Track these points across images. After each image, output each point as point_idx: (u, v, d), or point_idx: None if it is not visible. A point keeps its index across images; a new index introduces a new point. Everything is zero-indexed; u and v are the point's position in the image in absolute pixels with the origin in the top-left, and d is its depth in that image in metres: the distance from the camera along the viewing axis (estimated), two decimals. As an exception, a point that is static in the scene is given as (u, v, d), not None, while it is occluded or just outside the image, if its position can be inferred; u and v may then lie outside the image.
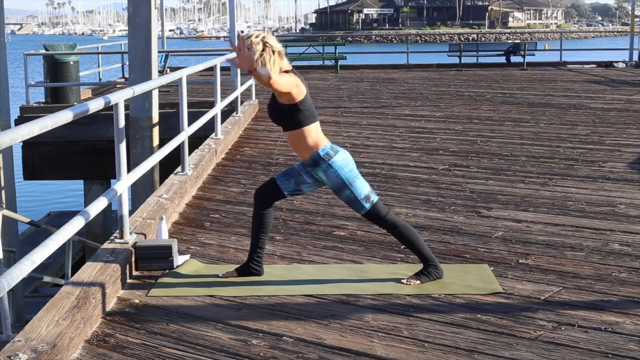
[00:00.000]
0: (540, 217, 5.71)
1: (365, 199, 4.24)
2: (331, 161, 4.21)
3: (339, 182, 4.23)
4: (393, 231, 4.31)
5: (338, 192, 4.27)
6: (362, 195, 4.23)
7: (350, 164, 4.27)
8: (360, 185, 4.25)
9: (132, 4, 9.57)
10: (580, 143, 9.06)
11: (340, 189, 4.24)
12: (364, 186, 4.26)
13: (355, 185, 4.23)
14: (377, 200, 4.27)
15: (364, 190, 4.25)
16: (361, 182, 4.27)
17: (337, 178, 4.22)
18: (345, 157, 4.27)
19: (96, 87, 16.73)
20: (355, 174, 4.26)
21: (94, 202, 4.19)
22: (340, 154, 4.25)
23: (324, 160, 4.21)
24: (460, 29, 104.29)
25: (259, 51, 4.14)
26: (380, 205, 4.28)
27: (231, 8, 15.03)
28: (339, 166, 4.22)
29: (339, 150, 4.28)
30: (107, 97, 4.46)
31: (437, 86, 16.78)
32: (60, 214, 15.16)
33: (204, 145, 8.26)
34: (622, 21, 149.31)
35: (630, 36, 23.28)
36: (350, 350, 3.40)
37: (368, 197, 4.24)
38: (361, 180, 4.28)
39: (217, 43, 72.68)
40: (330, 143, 4.30)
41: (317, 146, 4.23)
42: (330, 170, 4.22)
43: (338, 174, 4.21)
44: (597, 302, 3.96)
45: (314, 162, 4.23)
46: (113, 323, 3.74)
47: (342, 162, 4.23)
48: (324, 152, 4.22)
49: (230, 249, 4.97)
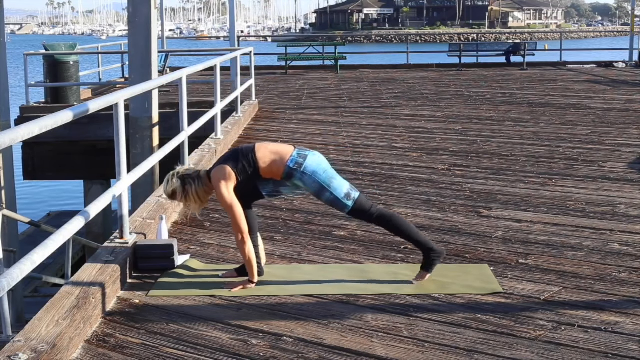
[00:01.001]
0: (540, 217, 5.71)
1: (346, 197, 4.23)
2: (303, 168, 4.21)
3: (317, 187, 4.23)
4: (382, 223, 4.31)
5: (318, 196, 4.27)
6: (342, 194, 4.22)
7: (324, 165, 4.26)
8: (339, 184, 4.24)
9: (132, 4, 9.56)
10: (580, 143, 9.06)
11: (319, 193, 4.24)
12: (343, 185, 4.25)
13: (334, 185, 4.22)
14: (358, 196, 4.25)
15: (343, 189, 4.23)
16: (339, 181, 4.25)
17: (315, 183, 4.22)
18: (317, 160, 4.25)
19: (96, 87, 16.73)
20: (331, 174, 4.25)
21: (94, 202, 4.19)
22: (310, 158, 4.24)
23: (296, 170, 4.21)
24: (460, 29, 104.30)
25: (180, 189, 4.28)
26: (362, 200, 4.26)
27: (231, 8, 15.05)
28: (313, 171, 4.21)
29: (308, 154, 4.26)
30: (107, 97, 4.46)
31: (437, 86, 16.78)
32: (60, 214, 15.15)
33: (204, 145, 8.26)
34: (622, 21, 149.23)
35: (630, 36, 23.29)
36: (350, 350, 3.40)
37: (348, 194, 4.23)
38: (338, 179, 4.26)
39: (217, 43, 72.74)
40: (296, 150, 4.28)
41: (284, 160, 4.23)
42: (305, 177, 4.22)
43: (314, 179, 4.21)
44: (597, 302, 3.96)
45: (288, 175, 4.24)
46: (113, 323, 3.74)
47: (315, 165, 4.22)
48: (292, 162, 4.22)
49: (230, 249, 4.97)
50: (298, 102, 14.04)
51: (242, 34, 78.73)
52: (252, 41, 71.70)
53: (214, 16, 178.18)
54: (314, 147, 8.94)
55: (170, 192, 4.32)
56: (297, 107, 13.26)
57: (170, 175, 4.36)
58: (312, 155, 4.26)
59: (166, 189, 4.35)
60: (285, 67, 21.26)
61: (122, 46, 20.16)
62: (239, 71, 11.86)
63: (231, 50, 13.74)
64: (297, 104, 13.74)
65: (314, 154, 4.30)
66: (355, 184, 6.91)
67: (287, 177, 4.24)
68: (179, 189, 4.28)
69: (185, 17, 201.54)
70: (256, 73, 13.96)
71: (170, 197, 4.36)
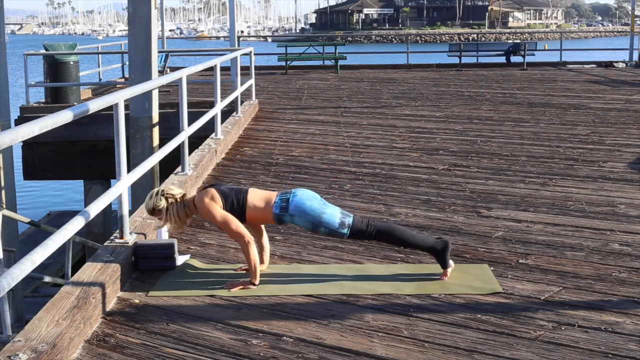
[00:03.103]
0: (540, 217, 5.71)
1: (341, 227, 4.26)
2: (290, 211, 4.25)
3: (309, 225, 4.28)
4: (381, 239, 4.34)
5: (314, 232, 4.32)
6: (336, 226, 4.25)
7: (310, 200, 4.27)
8: (330, 216, 4.25)
9: (132, 4, 9.56)
10: (580, 143, 9.06)
11: (314, 229, 4.29)
12: (334, 215, 4.26)
13: (325, 219, 4.24)
14: (352, 221, 4.27)
15: (335, 219, 4.25)
16: (329, 213, 4.26)
17: (306, 222, 4.26)
18: (300, 199, 4.27)
19: (96, 87, 16.73)
20: (320, 209, 4.26)
21: (94, 202, 4.19)
22: (293, 200, 4.26)
23: (283, 214, 4.27)
24: (460, 29, 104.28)
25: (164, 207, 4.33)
26: (357, 223, 4.28)
27: (231, 8, 15.05)
28: (301, 211, 4.24)
29: (289, 197, 4.28)
30: (107, 97, 4.46)
31: (437, 86, 16.78)
32: (60, 214, 15.16)
33: (204, 145, 8.26)
34: (622, 21, 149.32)
35: (630, 36, 23.28)
36: (350, 350, 3.40)
37: (342, 223, 4.25)
38: (329, 211, 4.27)
39: (217, 43, 72.72)
40: (278, 196, 4.32)
41: (269, 206, 4.28)
42: (294, 218, 4.27)
43: (304, 218, 4.25)
44: (597, 302, 3.96)
45: (279, 220, 4.31)
46: (113, 323, 3.74)
47: (300, 205, 4.24)
48: (277, 208, 4.27)
49: (230, 249, 4.97)
50: (298, 102, 14.04)
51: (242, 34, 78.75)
52: (252, 41, 71.73)
53: (214, 16, 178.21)
54: (314, 147, 8.97)
55: (151, 208, 4.39)
56: (297, 107, 13.26)
57: (155, 192, 4.43)
58: (293, 197, 4.28)
59: (147, 205, 4.41)
60: (285, 67, 21.26)
61: (122, 46, 20.15)
62: (239, 71, 11.86)
63: (231, 50, 13.74)
64: (297, 104, 13.74)
65: (295, 194, 4.31)
66: (355, 184, 6.93)
67: (279, 221, 4.32)
68: (161, 207, 4.34)
69: (185, 17, 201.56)
70: (256, 73, 13.96)
71: (150, 213, 4.43)
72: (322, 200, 4.35)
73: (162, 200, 4.35)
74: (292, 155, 8.43)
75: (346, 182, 7.01)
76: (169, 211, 4.35)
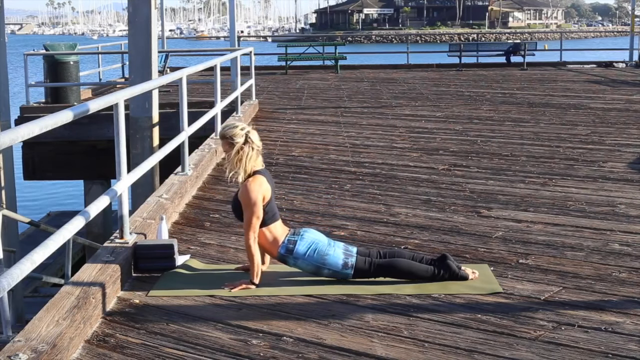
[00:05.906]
0: (540, 217, 5.70)
1: (344, 267, 4.24)
2: (295, 254, 4.24)
3: (313, 268, 4.27)
4: (383, 274, 4.29)
5: (317, 275, 4.29)
6: (339, 267, 4.24)
7: (315, 244, 4.25)
8: (334, 259, 4.23)
9: (132, 4, 9.57)
10: (580, 143, 9.06)
11: (317, 273, 4.28)
12: (338, 257, 4.24)
13: (329, 262, 4.23)
14: (356, 260, 4.24)
15: (339, 261, 4.24)
16: (333, 255, 4.24)
17: (309, 265, 4.26)
18: (307, 241, 4.25)
19: (96, 87, 16.73)
20: (324, 252, 4.24)
21: (94, 202, 4.19)
22: (301, 244, 4.24)
23: (288, 256, 4.26)
24: (460, 29, 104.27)
25: (239, 144, 4.23)
26: (360, 264, 4.25)
27: (231, 8, 15.05)
28: (306, 255, 4.23)
29: (297, 238, 4.26)
30: (107, 97, 4.46)
31: (437, 86, 16.78)
32: (60, 214, 15.16)
33: (204, 145, 8.26)
34: (622, 21, 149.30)
35: (630, 36, 23.28)
36: (350, 350, 3.40)
37: (346, 264, 4.24)
38: (332, 253, 4.25)
39: (217, 43, 72.72)
40: (287, 235, 4.29)
41: (277, 243, 4.27)
42: (298, 262, 4.26)
43: (307, 261, 4.24)
44: (597, 302, 3.96)
45: (282, 259, 4.30)
46: (113, 323, 3.74)
47: (306, 249, 4.23)
48: (283, 249, 4.25)
49: (230, 249, 4.97)
50: (298, 102, 14.04)
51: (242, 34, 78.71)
52: (252, 41, 71.70)
53: (214, 16, 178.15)
54: (314, 147, 8.97)
55: (228, 135, 4.25)
56: (297, 107, 13.26)
57: (243, 125, 4.33)
58: (300, 239, 4.26)
59: (226, 129, 4.29)
60: (285, 67, 21.26)
61: (122, 46, 20.15)
62: (239, 71, 11.86)
63: (231, 50, 13.74)
64: (297, 104, 13.74)
65: (304, 234, 4.29)
66: (355, 184, 6.93)
67: (282, 261, 4.31)
68: (236, 142, 4.24)
69: (185, 17, 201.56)
70: (256, 73, 13.96)
71: (221, 137, 4.32)
72: (327, 240, 4.33)
73: (242, 138, 4.26)
74: (292, 155, 8.43)
75: (346, 182, 7.01)
76: (237, 151, 4.23)
